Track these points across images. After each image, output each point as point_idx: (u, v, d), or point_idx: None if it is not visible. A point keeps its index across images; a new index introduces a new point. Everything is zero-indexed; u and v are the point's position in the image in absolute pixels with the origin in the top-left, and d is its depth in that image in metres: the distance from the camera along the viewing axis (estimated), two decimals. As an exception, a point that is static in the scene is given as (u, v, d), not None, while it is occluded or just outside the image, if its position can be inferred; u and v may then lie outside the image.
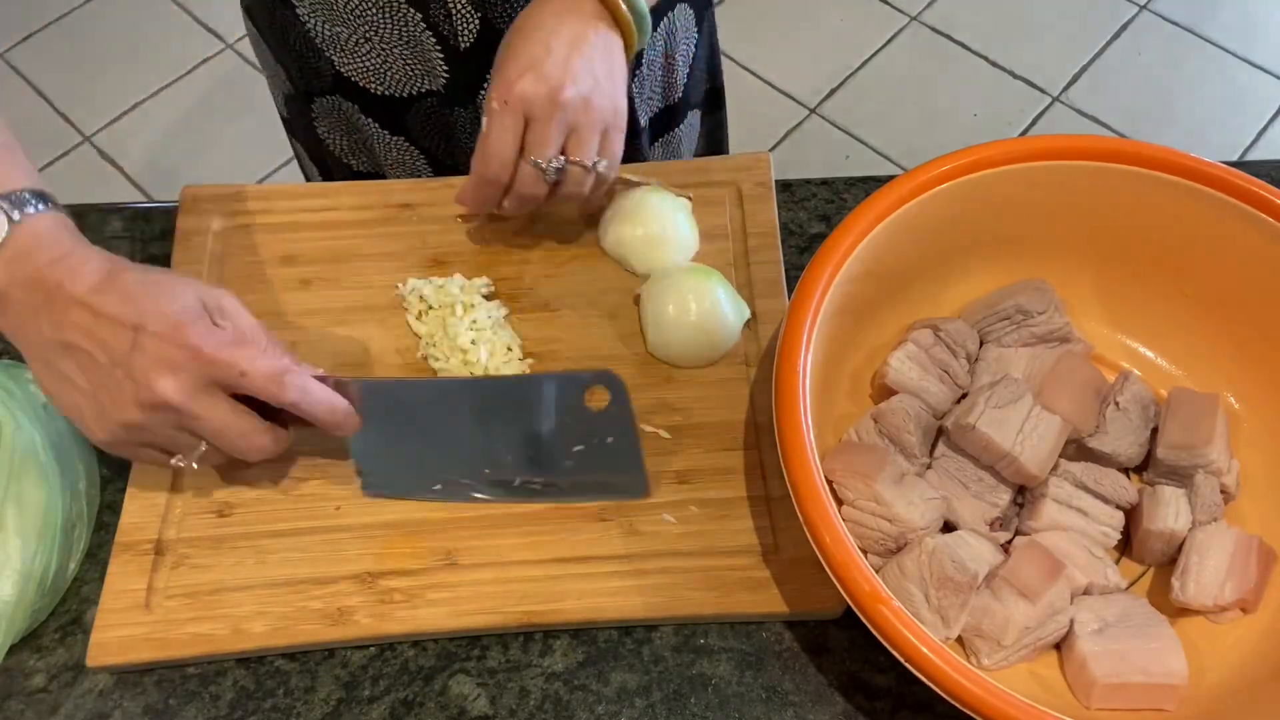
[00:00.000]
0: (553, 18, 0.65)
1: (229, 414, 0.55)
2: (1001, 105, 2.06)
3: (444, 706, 0.59)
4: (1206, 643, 0.60)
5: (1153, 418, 0.65)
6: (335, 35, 0.80)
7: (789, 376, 0.57)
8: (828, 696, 0.60)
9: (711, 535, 0.63)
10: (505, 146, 0.64)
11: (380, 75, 0.82)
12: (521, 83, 0.63)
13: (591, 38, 0.65)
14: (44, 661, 0.61)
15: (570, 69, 0.63)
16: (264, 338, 0.58)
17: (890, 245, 0.64)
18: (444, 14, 0.76)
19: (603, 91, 0.65)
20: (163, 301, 0.54)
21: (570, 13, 0.65)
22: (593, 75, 0.64)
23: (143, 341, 0.53)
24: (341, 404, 0.59)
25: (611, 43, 0.66)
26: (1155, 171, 0.65)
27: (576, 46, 0.64)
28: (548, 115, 0.63)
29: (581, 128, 0.65)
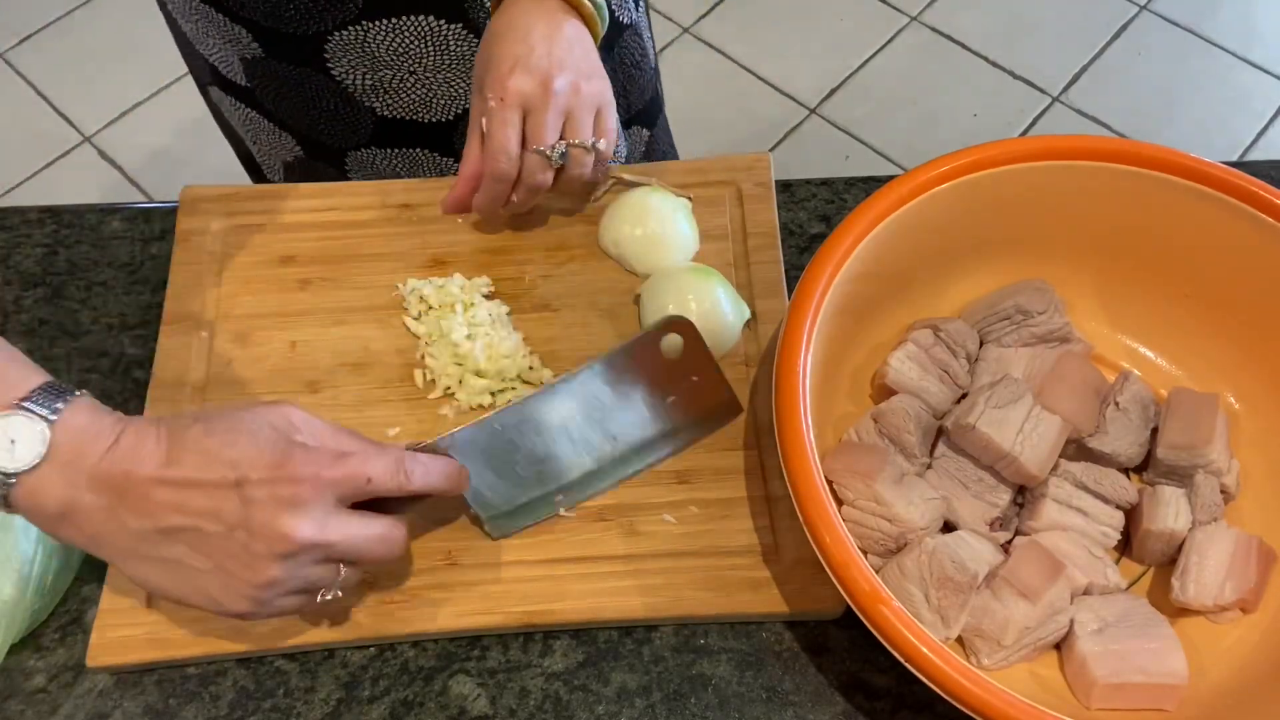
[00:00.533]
0: (524, 16, 0.68)
1: (364, 527, 0.52)
2: (1001, 105, 2.06)
3: (444, 706, 0.59)
4: (1206, 643, 0.60)
5: (1153, 418, 0.65)
6: (379, 81, 0.80)
7: (789, 376, 0.57)
8: (828, 696, 0.60)
9: (711, 535, 0.63)
10: (510, 141, 0.67)
11: (427, 105, 0.83)
12: (513, 78, 0.66)
13: (565, 29, 0.68)
14: (44, 661, 0.61)
15: (554, 58, 0.67)
16: (344, 432, 0.54)
17: (890, 245, 0.64)
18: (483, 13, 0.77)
19: (586, 74, 0.68)
20: (245, 447, 0.49)
21: (539, 11, 0.68)
22: (574, 61, 0.68)
23: (251, 494, 0.48)
24: (455, 467, 0.57)
25: (581, 31, 0.70)
26: (1155, 171, 0.65)
27: (553, 39, 0.67)
28: (543, 105, 0.66)
29: (575, 111, 0.68)
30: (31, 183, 1.95)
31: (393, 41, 0.78)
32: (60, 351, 0.72)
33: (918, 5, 2.21)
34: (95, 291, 0.75)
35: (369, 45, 0.78)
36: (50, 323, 0.73)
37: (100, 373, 0.71)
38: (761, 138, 2.03)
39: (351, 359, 0.70)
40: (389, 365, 0.70)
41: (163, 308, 0.72)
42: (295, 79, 0.81)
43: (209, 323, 0.71)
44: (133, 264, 0.76)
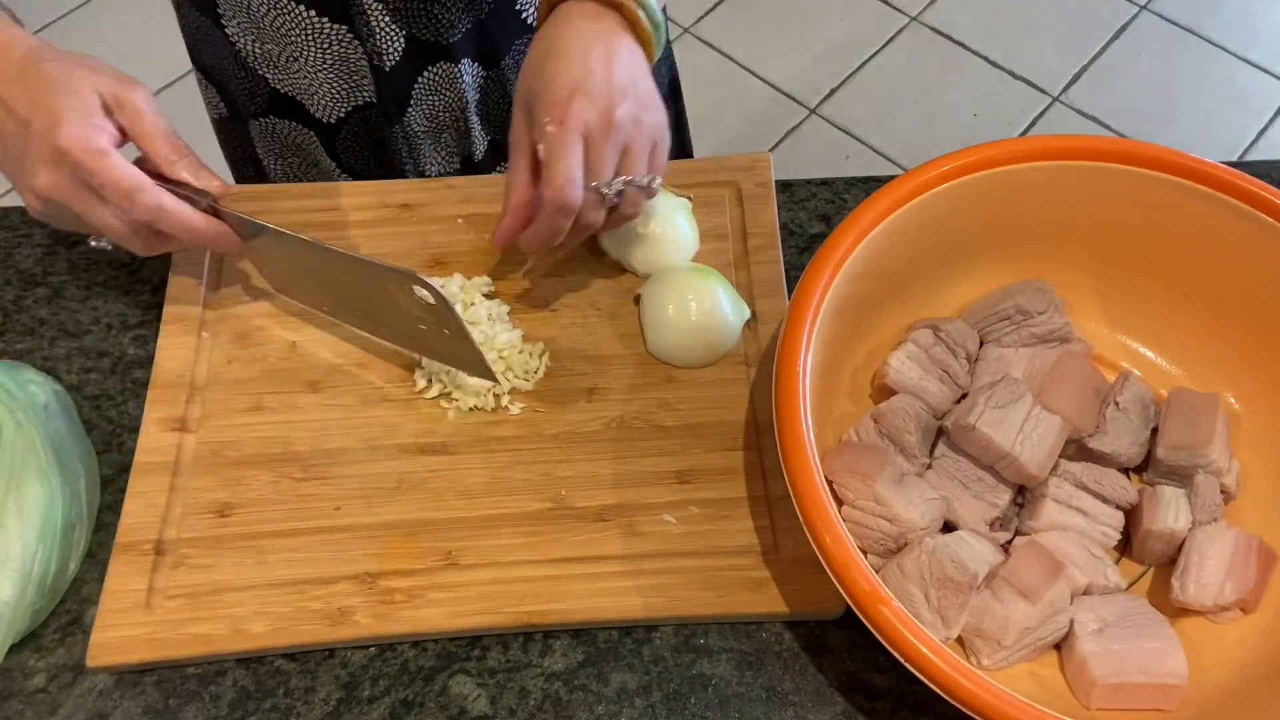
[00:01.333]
0: (579, 37, 0.63)
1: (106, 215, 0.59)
2: (1001, 105, 2.06)
3: (444, 706, 0.59)
4: (1206, 643, 0.60)
5: (1153, 418, 0.65)
6: (266, 53, 0.79)
7: (789, 376, 0.57)
8: (828, 696, 0.60)
9: (711, 535, 0.63)
10: (575, 170, 0.60)
11: (309, 95, 0.82)
12: (574, 103, 0.60)
13: (622, 52, 0.63)
14: (44, 661, 0.61)
15: (615, 86, 0.61)
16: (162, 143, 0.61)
17: (890, 245, 0.64)
18: (367, 30, 0.76)
19: (645, 105, 0.63)
20: (56, 97, 0.57)
21: (596, 30, 0.63)
22: (635, 90, 0.63)
23: (29, 138, 0.57)
24: (202, 227, 0.62)
25: (638, 54, 0.65)
26: (1155, 171, 0.65)
27: (612, 63, 0.62)
28: (603, 136, 0.61)
29: (633, 145, 0.63)
30: (31, 183, 1.95)
31: (275, 18, 0.76)
32: (60, 351, 0.72)
33: (918, 5, 2.21)
34: (95, 291, 0.75)
35: (253, 11, 0.76)
36: (50, 323, 0.73)
37: (100, 373, 0.71)
38: (761, 138, 2.03)
39: (351, 359, 0.70)
40: (389, 365, 0.70)
41: (162, 308, 0.72)
42: (203, 28, 0.81)
43: (209, 323, 0.71)
44: (133, 264, 0.76)
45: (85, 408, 0.70)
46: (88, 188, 0.58)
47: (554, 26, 0.64)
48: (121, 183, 0.58)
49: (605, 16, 0.64)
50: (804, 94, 2.08)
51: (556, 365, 0.70)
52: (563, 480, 0.65)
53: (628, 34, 0.64)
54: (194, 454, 0.66)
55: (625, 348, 0.71)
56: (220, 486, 0.65)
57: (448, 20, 0.77)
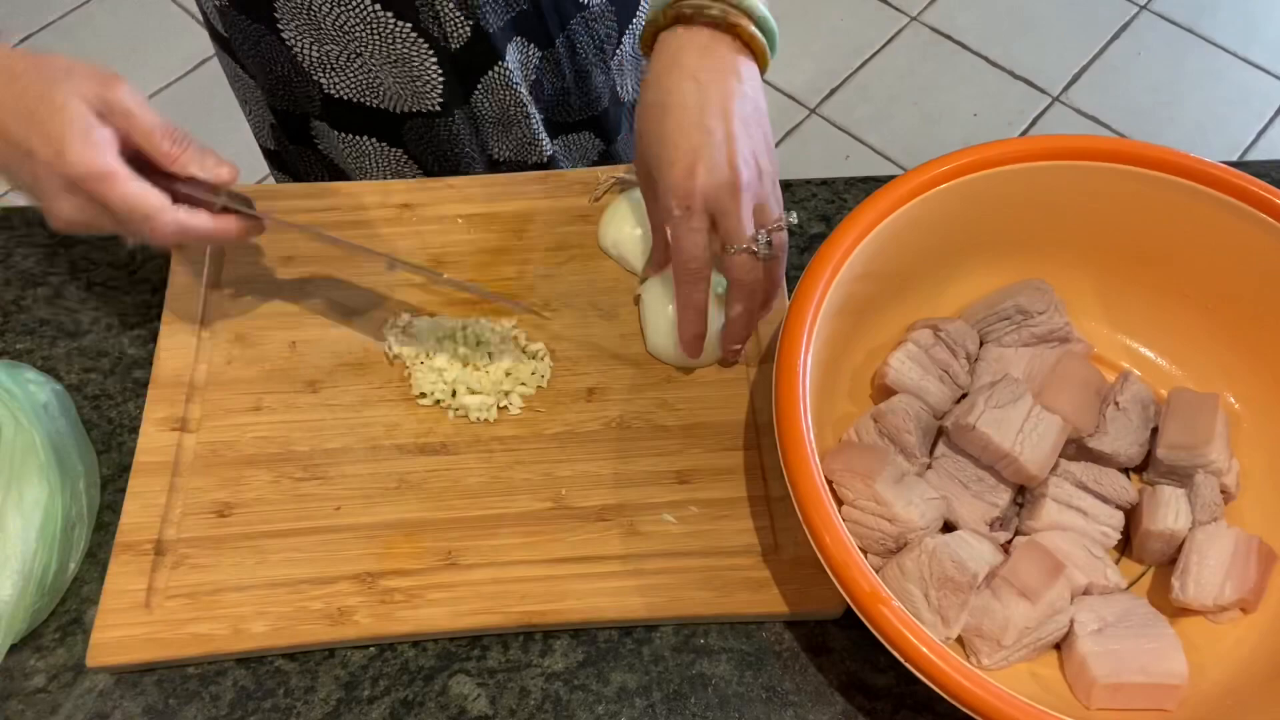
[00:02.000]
0: (696, 88, 0.59)
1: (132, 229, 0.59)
2: (1001, 105, 2.06)
3: (444, 706, 0.59)
4: (1206, 643, 0.60)
5: (1153, 418, 0.65)
6: (325, 55, 0.78)
7: (789, 376, 0.57)
8: (828, 696, 0.60)
9: (711, 535, 0.63)
10: (700, 246, 0.60)
11: (375, 91, 0.81)
12: (696, 182, 0.58)
13: (737, 88, 0.60)
14: (44, 661, 0.61)
15: (737, 148, 0.59)
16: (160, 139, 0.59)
17: (890, 245, 0.64)
18: (434, 19, 0.76)
19: (765, 147, 0.61)
20: (49, 121, 0.56)
21: (710, 70, 0.60)
22: (754, 139, 0.60)
23: (36, 167, 0.56)
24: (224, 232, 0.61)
25: (755, 79, 0.62)
26: (1155, 171, 0.65)
27: (729, 112, 0.59)
28: (735, 205, 0.59)
29: (764, 196, 0.61)
30: (31, 183, 1.95)
31: (337, 17, 0.75)
32: (60, 351, 0.72)
33: (918, 5, 2.21)
34: (95, 291, 0.75)
35: (314, 14, 0.75)
36: (50, 323, 0.73)
37: (100, 373, 0.71)
38: (761, 138, 2.03)
39: (351, 359, 0.70)
40: (389, 365, 0.70)
41: (163, 308, 0.72)
42: (253, 35, 0.79)
43: (209, 323, 0.71)
44: (133, 264, 0.76)
45: (85, 408, 0.70)
46: (107, 210, 0.58)
47: (665, 72, 0.61)
48: (138, 209, 0.57)
49: (718, 45, 0.60)
50: (804, 94, 2.08)
51: (556, 365, 0.70)
52: (563, 480, 0.65)
53: (743, 56, 0.61)
54: (194, 454, 0.66)
55: (625, 348, 0.71)
56: (220, 486, 0.65)
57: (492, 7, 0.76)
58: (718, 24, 0.60)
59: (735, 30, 0.60)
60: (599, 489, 0.65)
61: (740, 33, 0.60)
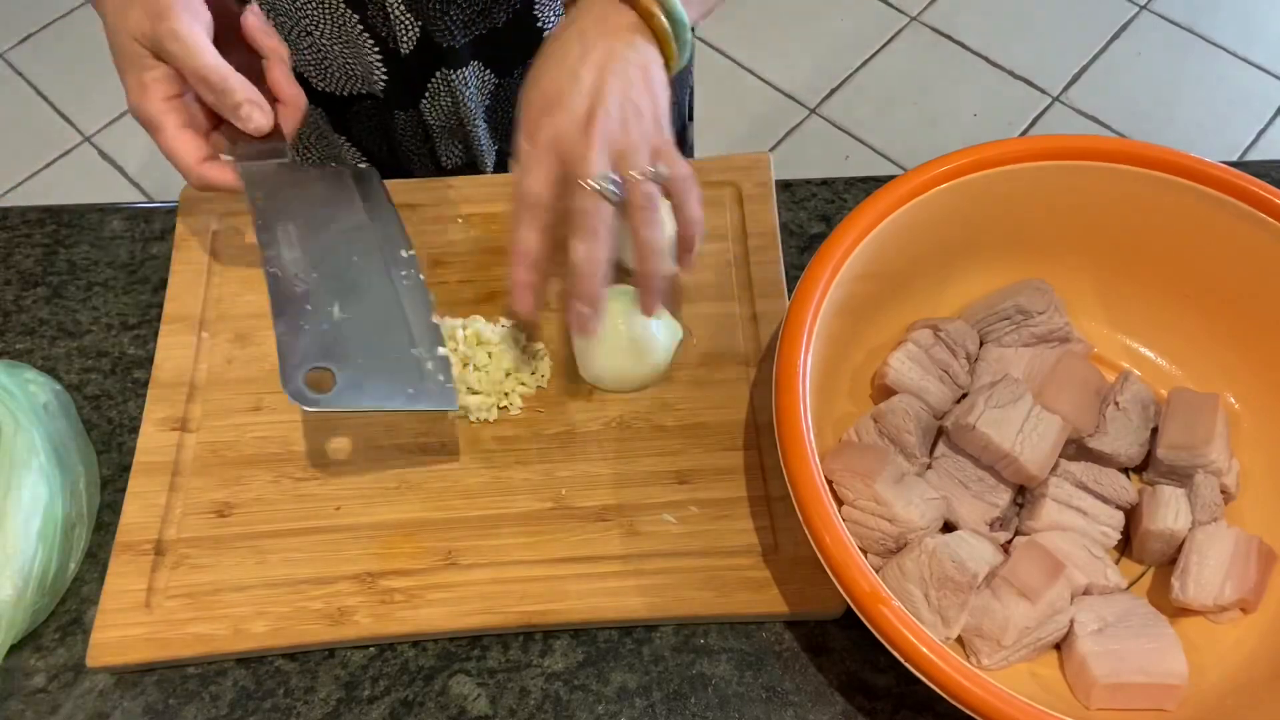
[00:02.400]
0: (579, 40, 0.59)
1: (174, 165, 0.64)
2: (1001, 105, 2.06)
3: (444, 706, 0.59)
4: (1206, 643, 0.60)
5: (1153, 418, 0.65)
6: (279, 24, 0.79)
7: (789, 376, 0.57)
8: (828, 696, 0.60)
9: (711, 535, 0.63)
10: (538, 182, 0.58)
11: (320, 71, 0.81)
12: (548, 119, 0.57)
13: (623, 53, 0.58)
14: (44, 661, 0.61)
15: (600, 95, 0.57)
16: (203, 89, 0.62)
17: (890, 245, 0.64)
18: (382, 18, 0.76)
19: (639, 110, 0.58)
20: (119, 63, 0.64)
21: (599, 32, 0.59)
22: (626, 96, 0.58)
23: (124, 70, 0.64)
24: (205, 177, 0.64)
25: (648, 56, 0.60)
26: (1155, 171, 0.65)
27: (606, 68, 0.57)
28: (584, 142, 0.56)
29: (625, 150, 0.57)
30: (31, 183, 1.95)
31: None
32: (60, 351, 0.72)
33: (918, 5, 2.21)
34: (95, 291, 0.75)
35: None
36: (50, 323, 0.73)
37: (100, 373, 0.71)
38: (761, 138, 2.03)
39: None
40: (389, 365, 0.70)
41: (163, 308, 0.72)
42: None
43: (209, 323, 0.71)
44: (133, 264, 0.76)
45: (85, 408, 0.70)
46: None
47: (559, 32, 0.60)
48: (176, 161, 0.64)
49: (616, 15, 0.59)
50: (804, 94, 2.08)
51: (557, 365, 0.70)
52: (563, 480, 0.65)
53: (638, 33, 0.59)
54: (194, 454, 0.66)
55: (625, 348, 0.70)
56: (220, 486, 0.65)
57: (460, 21, 0.76)
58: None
59: (635, 5, 0.59)
60: (599, 489, 0.65)
61: (641, 6, 0.59)
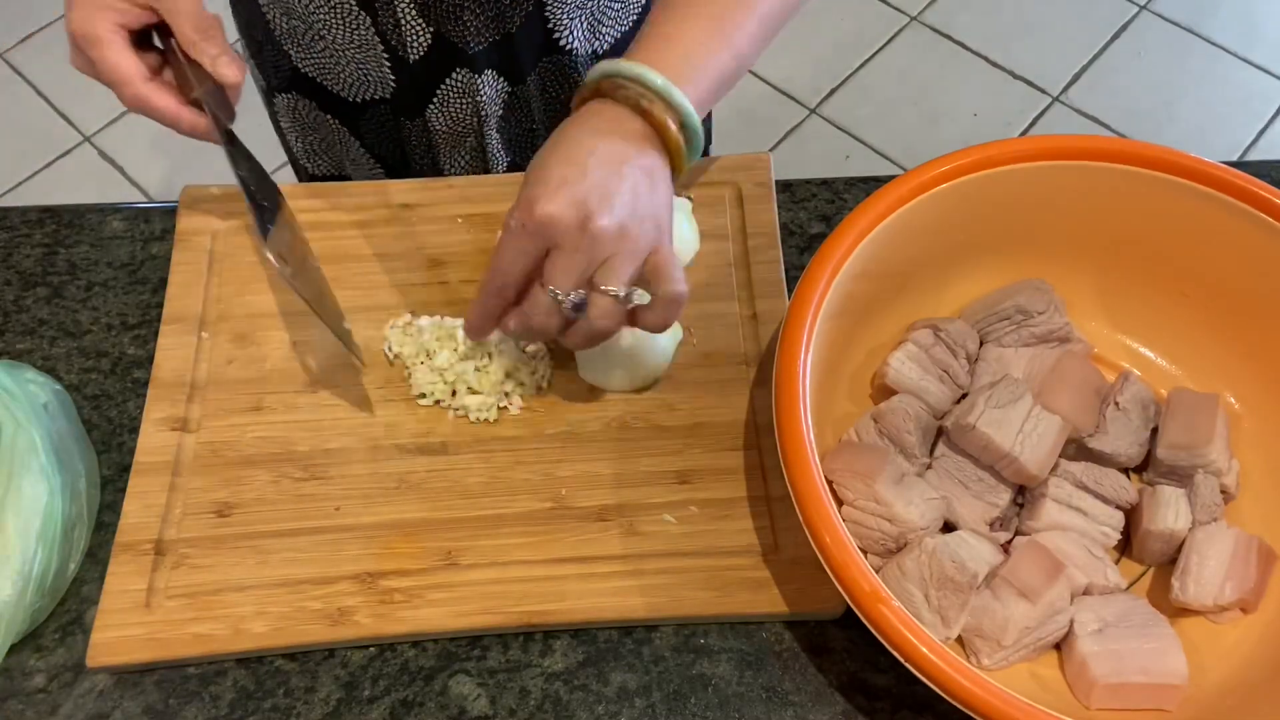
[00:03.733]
0: (591, 135, 0.57)
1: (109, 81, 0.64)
2: (1001, 105, 2.06)
3: (444, 706, 0.59)
4: (1206, 643, 0.60)
5: (1153, 418, 0.65)
6: (292, 29, 0.79)
7: (789, 376, 0.57)
8: (828, 696, 0.60)
9: (711, 535, 0.63)
10: (514, 266, 0.57)
11: (334, 76, 0.82)
12: (548, 205, 0.55)
13: (634, 158, 0.57)
14: (44, 661, 0.61)
15: (606, 195, 0.55)
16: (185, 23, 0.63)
17: (890, 245, 0.64)
18: (393, 23, 0.76)
19: (642, 217, 0.56)
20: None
21: (612, 132, 0.57)
22: (632, 202, 0.56)
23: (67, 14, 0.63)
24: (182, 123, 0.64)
25: (656, 168, 0.58)
26: (1155, 171, 0.65)
27: (615, 169, 0.56)
28: (573, 245, 0.55)
29: (615, 257, 0.56)
30: (31, 183, 1.95)
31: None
32: (60, 351, 0.72)
33: (918, 5, 2.21)
34: (95, 291, 0.75)
35: None
36: (50, 323, 0.73)
37: (100, 373, 0.71)
38: (761, 138, 2.03)
39: (352, 359, 0.70)
40: (389, 366, 0.70)
41: (163, 308, 0.72)
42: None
43: (209, 323, 0.71)
44: (133, 264, 0.76)
45: (85, 408, 0.70)
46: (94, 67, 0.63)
47: (572, 122, 0.59)
48: (108, 75, 0.63)
49: (629, 120, 0.58)
50: (804, 94, 2.08)
51: (557, 365, 0.70)
52: (563, 480, 0.65)
53: (649, 142, 0.58)
54: (194, 454, 0.66)
55: (625, 348, 0.70)
56: (220, 486, 0.65)
57: (475, 26, 0.76)
58: (633, 106, 0.58)
59: (648, 117, 0.58)
60: (599, 489, 0.65)
61: (655, 119, 0.57)
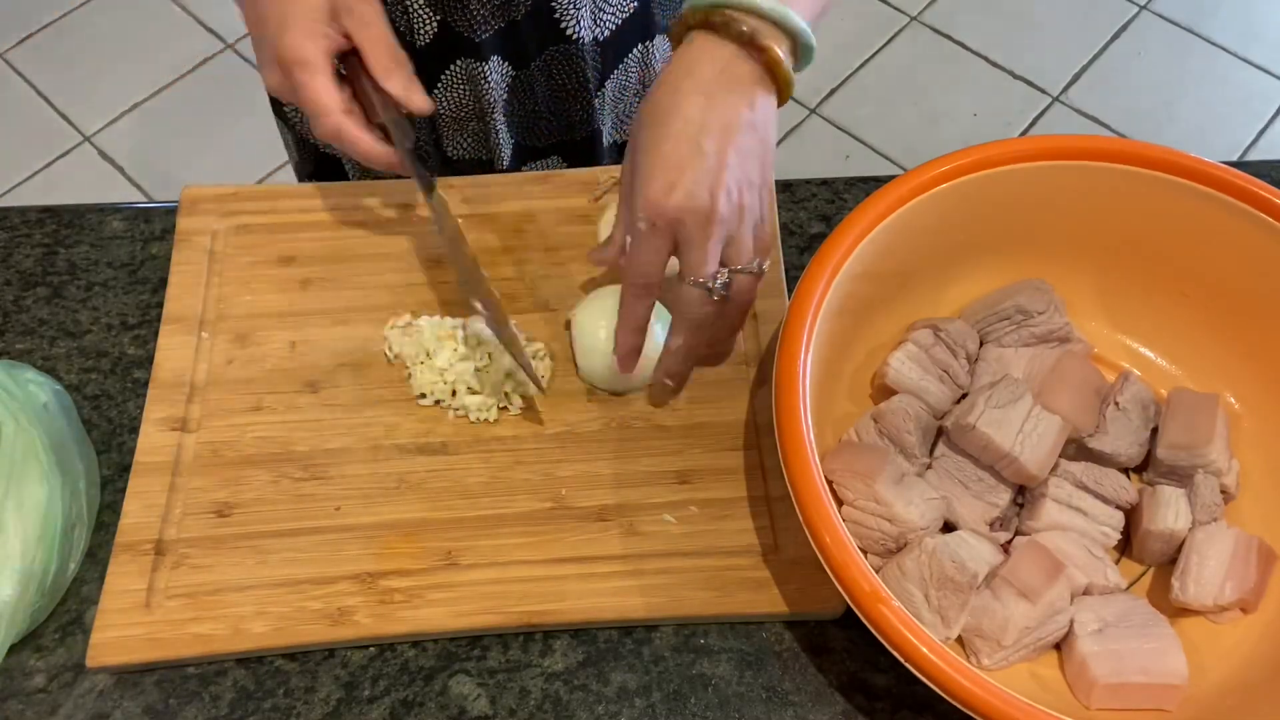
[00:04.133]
0: (703, 99, 0.55)
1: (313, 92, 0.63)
2: (1001, 105, 2.06)
3: (444, 706, 0.59)
4: (1206, 643, 0.60)
5: (1153, 418, 0.65)
6: None
7: (789, 376, 0.57)
8: (828, 696, 0.60)
9: (711, 535, 0.63)
10: (653, 266, 0.57)
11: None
12: (670, 201, 0.55)
13: (747, 116, 0.56)
14: (44, 661, 0.61)
15: (723, 177, 0.55)
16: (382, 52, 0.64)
17: (890, 245, 0.64)
18: (401, 10, 0.76)
19: (756, 186, 0.57)
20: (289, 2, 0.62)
21: (723, 87, 0.55)
22: (746, 171, 0.56)
23: (264, 37, 0.64)
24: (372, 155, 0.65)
25: (768, 113, 0.57)
26: (1155, 171, 0.65)
27: (730, 138, 0.55)
28: (704, 236, 0.55)
29: (737, 235, 0.57)
30: (31, 183, 1.95)
31: None
32: (60, 351, 0.72)
33: (918, 5, 2.21)
34: (95, 291, 0.75)
35: None
36: (50, 323, 0.73)
37: (100, 373, 0.71)
38: (761, 138, 2.03)
39: (351, 359, 0.70)
40: (389, 365, 0.70)
41: (163, 308, 0.72)
42: None
43: (209, 323, 0.71)
44: (133, 264, 0.76)
45: (85, 408, 0.70)
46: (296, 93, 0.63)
47: (677, 78, 0.56)
48: (310, 103, 0.63)
49: (739, 66, 0.56)
50: (804, 94, 2.08)
51: (557, 365, 0.70)
52: (563, 480, 0.65)
53: (762, 86, 0.57)
54: (194, 454, 0.66)
55: (625, 348, 0.70)
56: (220, 486, 0.65)
57: (481, 15, 0.76)
58: (745, 42, 0.56)
59: (764, 53, 0.56)
60: (599, 489, 0.65)
61: (769, 56, 0.56)
